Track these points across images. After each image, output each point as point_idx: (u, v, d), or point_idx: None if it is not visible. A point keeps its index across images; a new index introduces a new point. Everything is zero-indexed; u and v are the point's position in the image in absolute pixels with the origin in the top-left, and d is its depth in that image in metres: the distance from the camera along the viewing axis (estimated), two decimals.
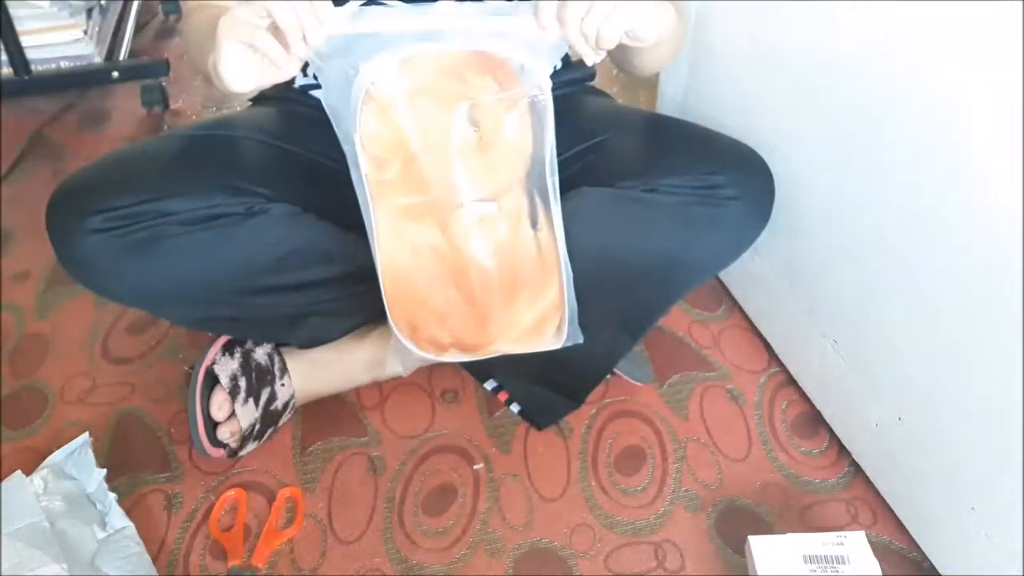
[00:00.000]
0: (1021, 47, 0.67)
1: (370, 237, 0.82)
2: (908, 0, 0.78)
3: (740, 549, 0.92)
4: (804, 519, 0.96)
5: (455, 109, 0.76)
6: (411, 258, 0.83)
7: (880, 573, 0.85)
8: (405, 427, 1.07)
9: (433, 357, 0.89)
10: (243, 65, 0.73)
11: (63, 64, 1.71)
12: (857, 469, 1.01)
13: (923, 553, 0.91)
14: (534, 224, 0.82)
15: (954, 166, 0.77)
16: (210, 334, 1.03)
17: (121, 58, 1.75)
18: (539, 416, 1.07)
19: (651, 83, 1.45)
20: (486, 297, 0.85)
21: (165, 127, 1.70)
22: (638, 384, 1.11)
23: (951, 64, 0.75)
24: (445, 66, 0.74)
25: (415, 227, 0.81)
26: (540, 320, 0.87)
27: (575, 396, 1.06)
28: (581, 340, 0.88)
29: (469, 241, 0.82)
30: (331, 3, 0.71)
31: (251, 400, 0.99)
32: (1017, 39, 0.67)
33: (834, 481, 1.00)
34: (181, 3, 2.10)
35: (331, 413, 1.08)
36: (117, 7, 1.89)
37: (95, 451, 0.97)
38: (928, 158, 0.80)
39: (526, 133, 0.78)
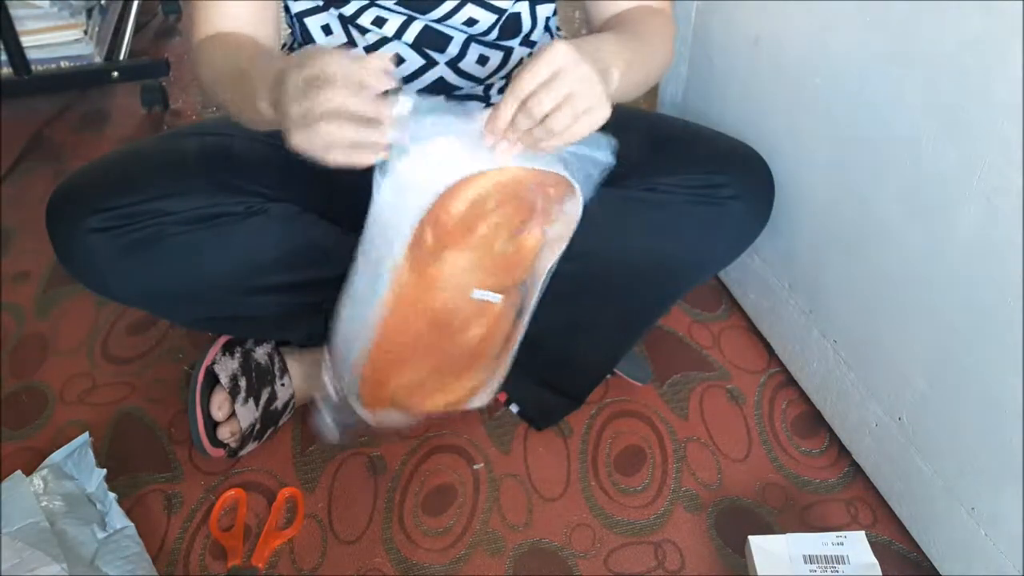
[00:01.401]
0: (1021, 45, 0.67)
1: (368, 292, 0.78)
2: (907, 0, 0.78)
3: (740, 549, 0.92)
4: (804, 519, 0.96)
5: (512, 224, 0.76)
6: (411, 323, 0.80)
7: (880, 573, 0.85)
8: (405, 427, 1.07)
9: (367, 417, 0.87)
10: None
11: (63, 64, 1.70)
12: (857, 469, 1.01)
13: (923, 553, 0.91)
14: (520, 314, 0.83)
15: (954, 165, 0.77)
16: (210, 334, 1.03)
17: (121, 58, 1.75)
18: (539, 417, 1.07)
19: None
20: (450, 369, 0.86)
21: (165, 127, 1.70)
22: (638, 384, 1.11)
23: (951, 63, 0.75)
24: (506, 181, 0.73)
25: (431, 301, 0.79)
26: (475, 388, 0.88)
27: (575, 397, 1.06)
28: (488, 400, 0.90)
29: (469, 325, 0.82)
30: (385, 107, 0.66)
31: (251, 400, 0.99)
32: (1017, 37, 0.67)
33: (834, 481, 1.00)
34: (181, 3, 2.10)
35: None
36: (117, 7, 1.89)
37: (95, 451, 0.97)
38: (928, 157, 0.80)
39: (553, 244, 0.79)
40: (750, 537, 0.89)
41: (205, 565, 0.93)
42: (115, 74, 1.69)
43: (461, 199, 0.71)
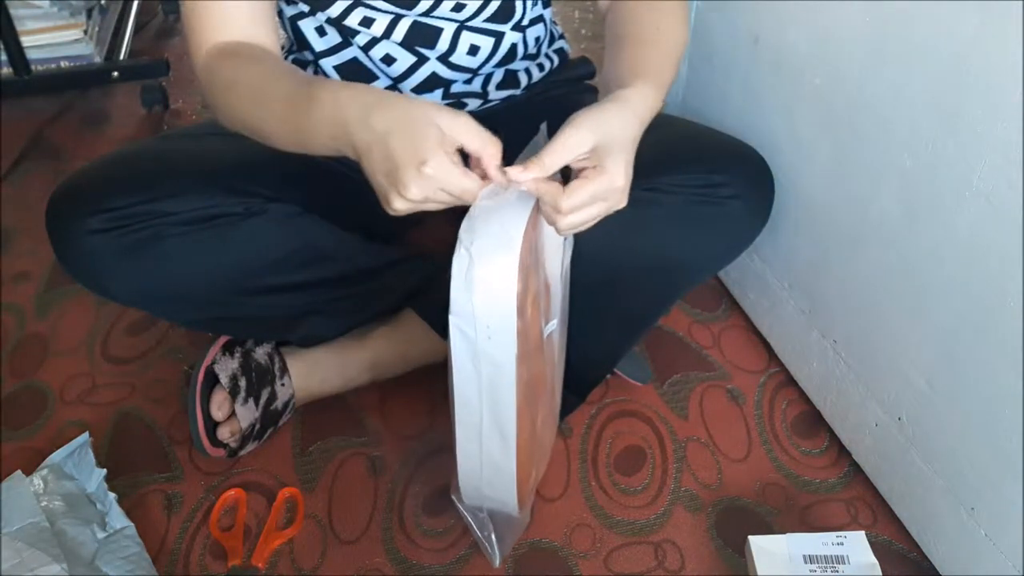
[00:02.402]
0: (1021, 45, 0.67)
1: (509, 433, 0.77)
2: (907, 0, 0.78)
3: (740, 549, 0.92)
4: (804, 519, 0.96)
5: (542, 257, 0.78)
6: (528, 414, 0.79)
7: (880, 573, 0.85)
8: (405, 427, 1.07)
9: (525, 516, 0.88)
10: None
11: (63, 64, 1.71)
12: (857, 469, 1.00)
13: (923, 553, 0.91)
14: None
15: (954, 166, 0.77)
16: (210, 334, 1.03)
17: (121, 58, 1.75)
18: None
19: None
20: (548, 415, 0.87)
21: (165, 127, 1.70)
22: (638, 384, 1.11)
23: (951, 63, 0.75)
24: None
25: (527, 381, 0.78)
26: (555, 412, 0.89)
27: (575, 396, 1.06)
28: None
29: (549, 366, 0.83)
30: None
31: (251, 400, 0.99)
32: (1017, 37, 0.67)
33: (834, 481, 1.00)
34: (181, 3, 2.10)
35: (331, 413, 1.08)
36: (117, 7, 1.89)
37: (95, 451, 0.97)
38: (928, 158, 0.80)
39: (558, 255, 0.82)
40: (750, 537, 0.89)
41: (205, 565, 0.93)
42: (115, 74, 1.69)
43: (528, 300, 0.72)
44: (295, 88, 0.78)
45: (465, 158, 0.70)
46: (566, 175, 0.73)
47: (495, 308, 0.69)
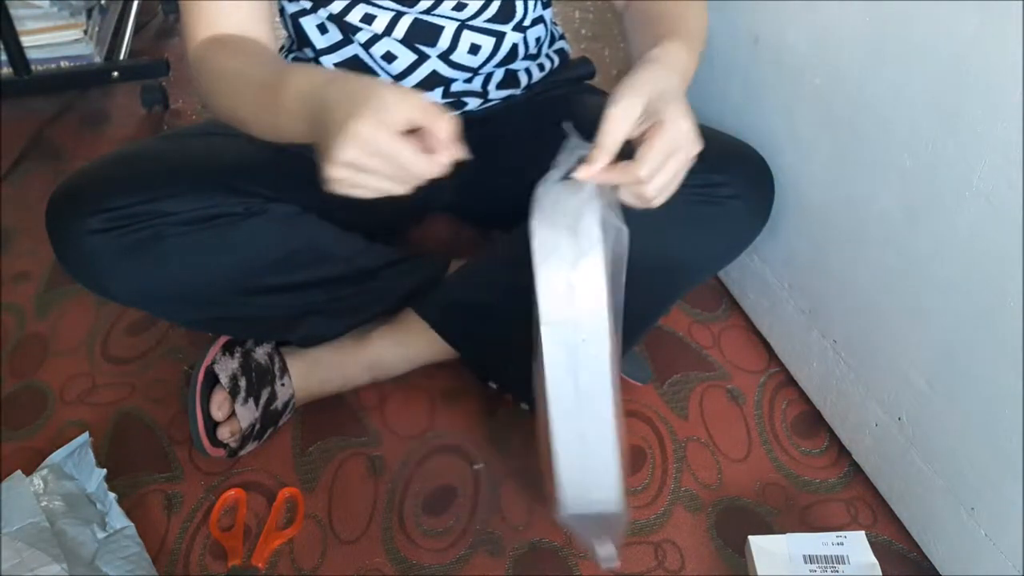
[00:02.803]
0: (1021, 45, 0.67)
1: (607, 432, 0.76)
2: (907, 0, 0.78)
3: (740, 549, 0.92)
4: (804, 519, 0.96)
5: None
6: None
7: (880, 573, 0.85)
8: (405, 427, 1.07)
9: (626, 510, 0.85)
10: None
11: (63, 64, 1.70)
12: (857, 469, 1.01)
13: (923, 553, 0.91)
14: None
15: (954, 166, 0.77)
16: (210, 334, 1.03)
17: (121, 58, 1.75)
18: None
19: None
20: None
21: (165, 127, 1.70)
22: (638, 384, 1.11)
23: (951, 63, 0.75)
24: None
25: None
26: None
27: None
28: None
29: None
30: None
31: (251, 400, 0.99)
32: (1017, 38, 0.67)
33: (834, 481, 1.00)
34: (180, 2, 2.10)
35: (331, 413, 1.08)
36: (117, 7, 1.89)
37: (95, 451, 0.97)
38: (928, 158, 0.80)
39: None
40: (750, 537, 0.89)
41: (205, 565, 0.93)
42: (115, 74, 1.69)
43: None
44: (270, 73, 0.77)
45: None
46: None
47: (589, 310, 0.70)
